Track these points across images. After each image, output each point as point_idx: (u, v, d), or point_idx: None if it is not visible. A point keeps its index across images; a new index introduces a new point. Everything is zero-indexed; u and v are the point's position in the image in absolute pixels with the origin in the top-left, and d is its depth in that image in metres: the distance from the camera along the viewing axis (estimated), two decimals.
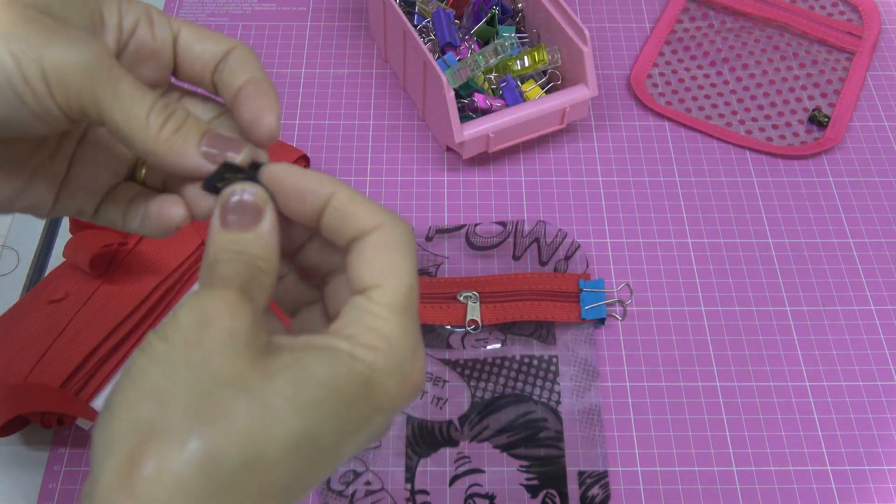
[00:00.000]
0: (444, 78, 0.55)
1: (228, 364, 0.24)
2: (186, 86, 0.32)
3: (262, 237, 0.27)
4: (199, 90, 0.32)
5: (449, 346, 0.52)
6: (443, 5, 0.62)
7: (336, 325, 0.27)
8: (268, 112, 0.29)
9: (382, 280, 0.26)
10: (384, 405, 0.26)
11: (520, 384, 0.51)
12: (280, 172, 0.28)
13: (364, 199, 0.27)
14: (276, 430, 0.23)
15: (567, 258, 0.55)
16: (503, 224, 0.57)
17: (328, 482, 0.47)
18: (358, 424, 0.25)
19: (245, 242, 0.27)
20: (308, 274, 0.31)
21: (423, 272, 0.55)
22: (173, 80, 0.31)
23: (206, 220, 0.29)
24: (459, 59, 0.58)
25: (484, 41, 0.62)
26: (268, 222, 0.27)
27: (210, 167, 0.28)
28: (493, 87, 0.60)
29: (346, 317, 0.27)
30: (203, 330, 0.24)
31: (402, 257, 0.27)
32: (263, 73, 0.30)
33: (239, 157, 0.28)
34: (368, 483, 0.47)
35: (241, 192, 0.27)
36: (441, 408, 0.50)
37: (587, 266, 0.55)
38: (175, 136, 0.27)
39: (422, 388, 0.28)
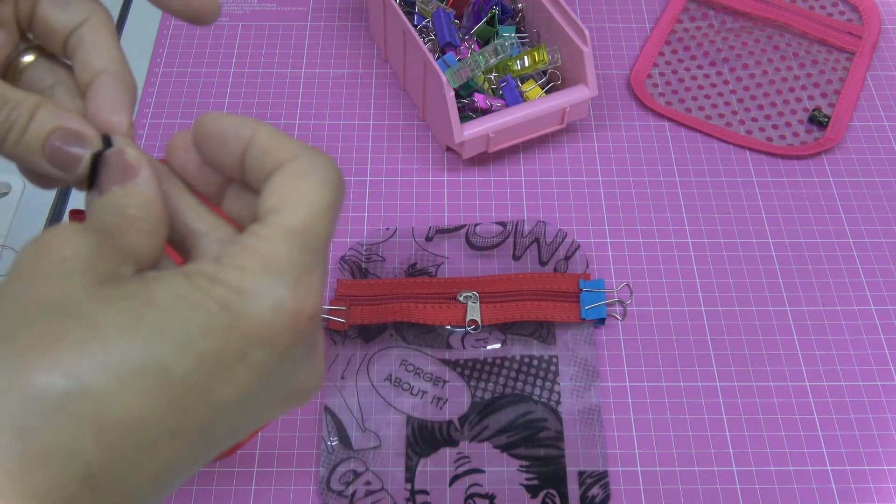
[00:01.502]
0: (444, 78, 0.55)
1: (57, 289, 0.21)
2: None
3: (136, 189, 0.25)
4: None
5: (449, 347, 0.52)
6: (443, 5, 0.62)
7: (214, 251, 0.25)
8: (117, 111, 0.27)
9: (284, 203, 0.24)
10: (258, 334, 0.23)
11: (520, 384, 0.51)
12: (202, 119, 0.26)
13: (285, 135, 0.26)
14: (109, 357, 0.21)
15: (567, 258, 0.55)
16: (503, 224, 0.57)
17: (328, 482, 0.47)
18: (225, 358, 0.22)
19: (115, 198, 0.25)
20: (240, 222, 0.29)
21: (423, 272, 0.55)
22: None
23: None
24: (459, 59, 0.58)
25: (484, 41, 0.62)
26: (143, 176, 0.26)
27: (56, 173, 0.26)
28: (493, 87, 0.60)
29: (238, 241, 0.24)
30: (35, 260, 0.22)
31: (317, 182, 0.25)
32: (119, 56, 0.28)
33: (86, 154, 0.26)
34: (368, 483, 0.47)
35: (114, 153, 0.26)
36: (441, 408, 0.50)
37: (587, 266, 0.55)
38: (17, 147, 0.26)
39: (312, 320, 0.24)
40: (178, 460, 0.22)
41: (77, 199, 0.60)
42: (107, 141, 0.27)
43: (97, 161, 0.26)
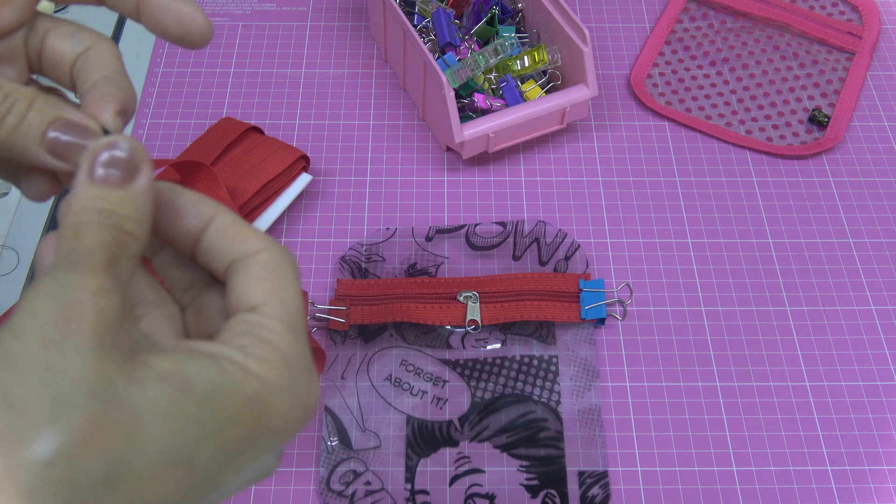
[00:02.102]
0: (444, 78, 0.55)
1: (93, 368, 0.21)
2: None
3: (136, 197, 0.24)
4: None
5: (449, 347, 0.52)
6: (443, 5, 0.62)
7: (224, 336, 0.24)
8: (109, 104, 0.26)
9: (273, 298, 0.25)
10: (274, 426, 0.24)
11: (520, 384, 0.51)
12: (162, 188, 0.26)
13: (246, 223, 0.26)
14: (145, 445, 0.21)
15: (567, 258, 0.55)
16: (503, 224, 0.57)
17: (328, 482, 0.47)
18: (242, 447, 0.23)
19: (115, 201, 0.24)
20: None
21: (423, 272, 0.55)
22: None
23: None
24: (459, 59, 0.58)
25: (484, 41, 0.62)
26: (143, 180, 0.24)
27: (56, 163, 0.26)
28: (493, 87, 0.60)
29: (235, 329, 0.24)
30: (63, 326, 0.21)
31: (291, 279, 0.26)
32: (120, 70, 0.28)
33: (89, 146, 0.25)
34: (368, 483, 0.47)
35: (114, 145, 0.24)
36: (441, 408, 0.50)
37: (587, 266, 0.55)
38: (15, 132, 0.25)
39: (314, 412, 0.25)
40: None
41: None
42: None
43: None
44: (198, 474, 0.22)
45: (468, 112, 0.59)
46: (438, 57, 0.60)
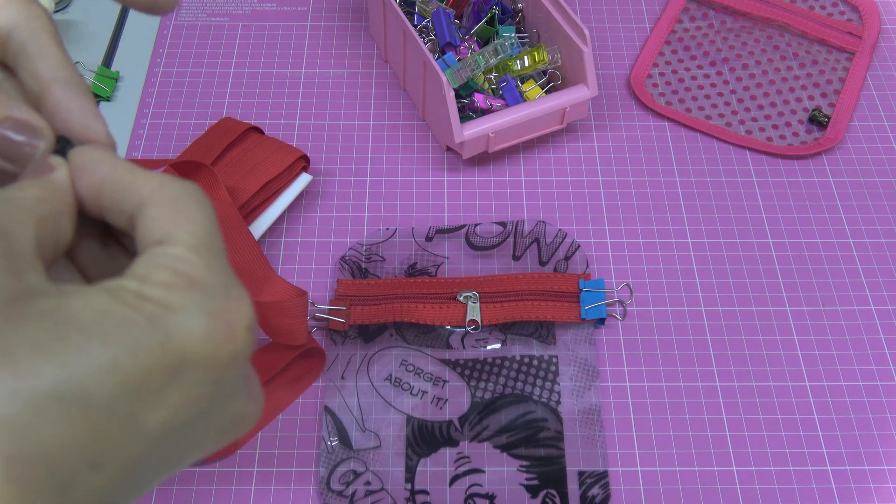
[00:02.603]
0: (444, 78, 0.55)
1: None
2: None
3: (50, 181, 0.24)
4: None
5: (449, 347, 0.52)
6: (443, 5, 0.62)
7: (125, 272, 0.22)
8: (91, 119, 0.26)
9: (175, 227, 0.23)
10: (192, 353, 0.21)
11: (520, 384, 0.51)
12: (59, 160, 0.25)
13: (140, 168, 0.24)
14: (20, 382, 0.19)
15: (567, 258, 0.55)
16: (503, 224, 0.57)
17: (328, 482, 0.47)
18: (154, 380, 0.20)
19: (26, 185, 0.23)
20: (89, 279, 0.27)
21: (423, 272, 0.55)
22: None
23: None
24: (459, 59, 0.58)
25: (484, 41, 0.62)
26: (59, 172, 0.24)
27: (5, 165, 0.25)
28: (493, 87, 0.60)
29: (137, 262, 0.23)
30: None
31: (194, 204, 0.24)
32: (65, 61, 0.26)
33: (40, 146, 0.25)
34: (368, 483, 0.47)
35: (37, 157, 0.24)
36: (441, 408, 0.50)
37: (587, 266, 0.55)
38: None
39: (250, 332, 0.23)
40: (101, 494, 0.20)
41: None
42: (63, 140, 0.26)
43: (56, 150, 0.25)
44: (101, 413, 0.20)
45: (468, 112, 0.59)
46: (438, 57, 0.60)
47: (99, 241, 0.27)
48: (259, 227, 0.55)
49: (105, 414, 0.20)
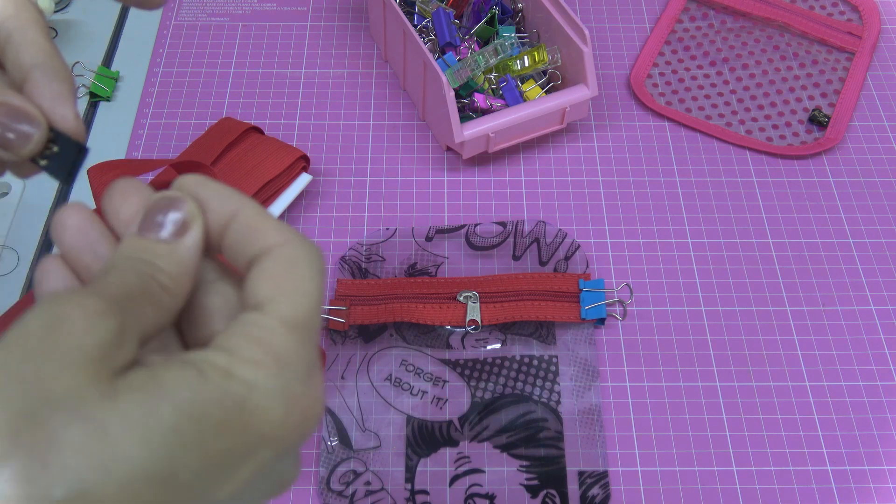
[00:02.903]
0: (444, 78, 0.55)
1: (66, 381, 0.19)
2: None
3: (177, 252, 0.23)
4: None
5: (449, 347, 0.52)
6: (443, 5, 0.62)
7: (217, 341, 0.22)
8: (60, 103, 0.26)
9: (280, 294, 0.23)
10: (267, 434, 0.21)
11: (520, 384, 0.51)
12: (182, 182, 0.24)
13: (272, 216, 0.24)
14: (115, 462, 0.19)
15: (567, 258, 0.55)
16: (503, 224, 0.57)
17: (328, 482, 0.47)
18: (233, 458, 0.21)
19: (155, 252, 0.23)
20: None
21: (423, 272, 0.55)
22: None
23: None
24: (459, 59, 0.58)
25: (484, 41, 0.62)
26: (191, 238, 0.23)
27: (1, 153, 0.25)
28: (493, 87, 0.60)
29: (230, 331, 0.22)
30: (47, 339, 0.20)
31: (309, 273, 0.23)
32: (49, 48, 0.26)
33: (33, 138, 0.25)
34: (368, 483, 0.47)
35: (172, 203, 0.24)
36: (441, 408, 0.50)
37: (587, 266, 0.55)
38: None
39: (318, 418, 0.23)
40: None
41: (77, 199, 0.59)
42: (55, 131, 0.26)
43: (53, 146, 0.25)
44: (182, 492, 0.20)
45: (468, 112, 0.59)
46: (438, 57, 0.60)
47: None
48: None
49: (185, 491, 0.20)
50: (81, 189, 0.57)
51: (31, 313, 0.20)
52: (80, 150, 0.26)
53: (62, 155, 0.26)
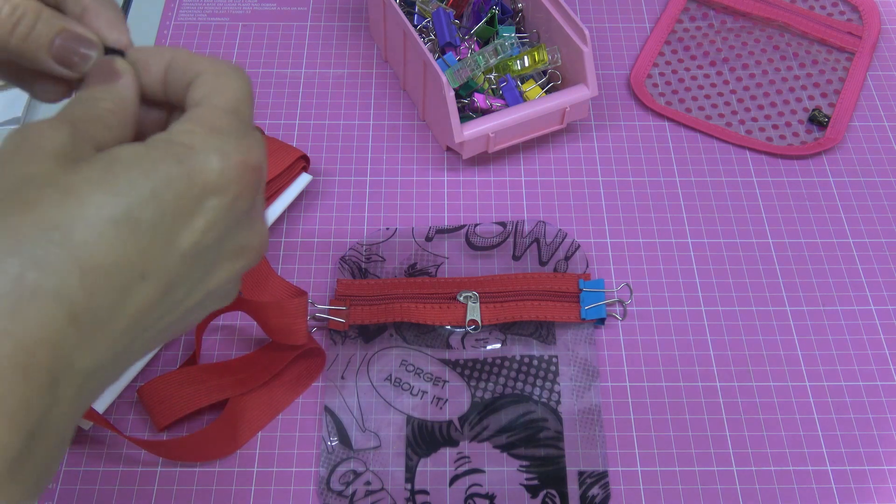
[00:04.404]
0: (444, 78, 0.55)
1: (35, 167, 0.25)
2: None
3: (115, 88, 0.29)
4: None
5: (449, 347, 0.52)
6: (443, 5, 0.62)
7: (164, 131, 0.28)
8: (115, 29, 0.31)
9: (213, 91, 0.29)
10: (209, 182, 0.26)
11: (520, 384, 0.51)
12: (134, 50, 0.31)
13: (201, 55, 0.30)
14: (84, 210, 0.24)
15: (567, 258, 0.55)
16: (503, 224, 0.57)
17: (328, 482, 0.47)
18: (185, 204, 0.26)
19: (93, 91, 0.29)
20: None
21: (423, 272, 0.55)
22: None
23: None
24: (459, 59, 0.58)
25: (484, 41, 0.62)
26: (126, 79, 0.29)
27: (62, 70, 0.30)
28: (493, 87, 0.60)
29: (173, 122, 0.28)
30: (16, 147, 0.25)
31: (233, 78, 0.29)
32: None
33: (91, 57, 0.30)
34: (368, 483, 0.47)
35: (103, 63, 0.30)
36: (441, 408, 0.50)
37: (587, 266, 0.55)
38: (27, 41, 0.29)
39: (257, 171, 0.28)
40: (149, 305, 0.26)
41: None
42: (111, 51, 0.31)
43: None
44: (147, 234, 0.25)
45: (468, 112, 0.59)
46: (438, 57, 0.60)
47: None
48: None
49: (149, 235, 0.25)
50: None
51: (5, 139, 0.26)
52: None
53: None
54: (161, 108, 0.32)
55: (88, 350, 0.24)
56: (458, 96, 0.59)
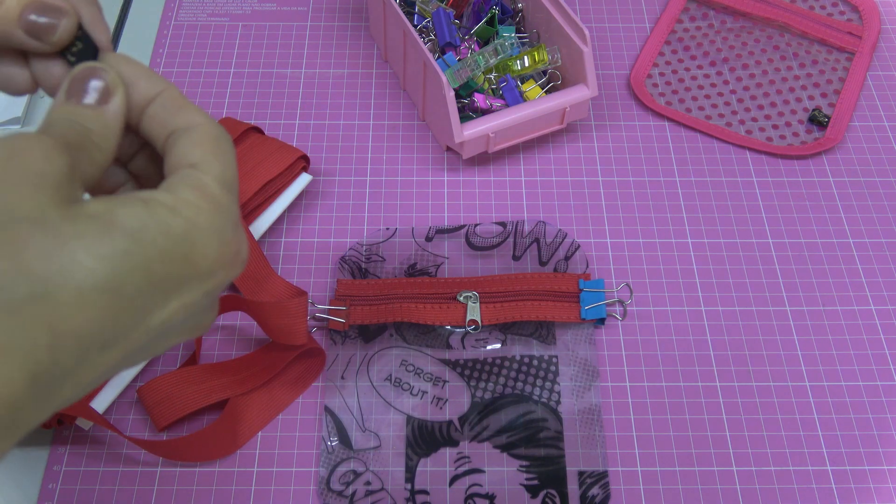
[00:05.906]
0: (444, 78, 0.55)
1: (29, 201, 0.23)
2: None
3: (104, 116, 0.27)
4: None
5: (449, 347, 0.52)
6: (443, 5, 0.62)
7: (161, 186, 0.26)
8: (94, 28, 0.30)
9: (212, 158, 0.27)
10: (200, 267, 0.25)
11: (520, 384, 0.51)
12: (121, 62, 0.29)
13: (191, 102, 0.29)
14: (73, 271, 0.22)
15: (567, 258, 0.55)
16: (503, 224, 0.57)
17: (328, 482, 0.47)
18: (171, 284, 0.25)
19: (85, 116, 0.27)
20: (141, 185, 0.32)
21: (423, 272, 0.55)
22: None
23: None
24: (459, 59, 0.58)
25: (484, 41, 0.62)
26: (115, 105, 0.28)
27: (34, 43, 0.28)
28: (493, 87, 0.60)
29: (171, 180, 0.26)
30: (8, 164, 0.23)
31: (228, 148, 0.28)
32: None
33: (60, 25, 0.28)
34: (368, 483, 0.47)
35: (94, 72, 0.28)
36: (441, 408, 0.50)
37: (587, 266, 0.55)
38: None
39: (243, 262, 0.27)
40: (102, 372, 0.24)
41: None
42: (83, 34, 0.29)
43: (77, 35, 0.29)
44: (125, 303, 0.23)
45: (468, 112, 0.59)
46: (438, 57, 0.60)
47: (148, 156, 0.32)
48: (259, 227, 0.55)
49: (127, 306, 0.23)
50: None
51: None
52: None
53: (87, 51, 0.29)
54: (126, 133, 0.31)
55: (38, 409, 0.23)
56: (458, 96, 0.59)
